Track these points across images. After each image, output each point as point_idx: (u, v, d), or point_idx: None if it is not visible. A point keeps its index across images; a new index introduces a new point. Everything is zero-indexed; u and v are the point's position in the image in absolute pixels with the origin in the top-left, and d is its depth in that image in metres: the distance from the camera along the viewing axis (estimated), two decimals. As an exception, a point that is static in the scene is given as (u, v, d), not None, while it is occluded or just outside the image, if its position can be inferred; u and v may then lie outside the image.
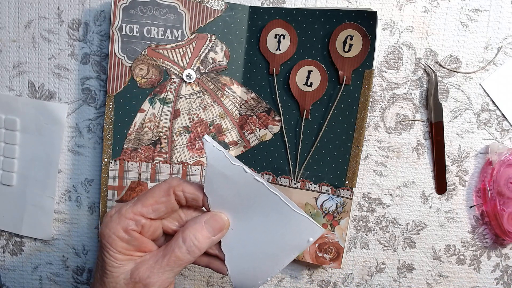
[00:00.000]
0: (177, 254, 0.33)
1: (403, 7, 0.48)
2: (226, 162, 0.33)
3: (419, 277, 0.52)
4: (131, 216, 0.33)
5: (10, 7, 0.49)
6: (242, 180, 0.33)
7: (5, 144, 0.50)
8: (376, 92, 0.49)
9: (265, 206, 0.34)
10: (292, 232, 0.34)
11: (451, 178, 0.50)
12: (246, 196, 0.34)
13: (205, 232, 0.34)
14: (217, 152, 0.33)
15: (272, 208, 0.34)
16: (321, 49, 0.46)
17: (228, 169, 0.33)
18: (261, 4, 0.49)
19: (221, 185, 0.34)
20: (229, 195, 0.34)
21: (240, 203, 0.34)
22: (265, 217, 0.34)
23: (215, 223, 0.34)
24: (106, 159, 0.48)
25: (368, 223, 0.51)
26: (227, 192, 0.34)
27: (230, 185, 0.34)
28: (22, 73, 0.50)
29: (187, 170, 0.49)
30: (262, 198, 0.33)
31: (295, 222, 0.34)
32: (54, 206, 0.51)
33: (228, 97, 0.49)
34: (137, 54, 0.47)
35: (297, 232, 0.34)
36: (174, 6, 0.46)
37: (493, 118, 0.49)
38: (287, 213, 0.33)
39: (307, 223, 0.34)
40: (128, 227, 0.32)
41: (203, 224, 0.34)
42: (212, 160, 0.33)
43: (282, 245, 0.35)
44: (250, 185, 0.33)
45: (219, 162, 0.33)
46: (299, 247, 0.35)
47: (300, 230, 0.34)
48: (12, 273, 0.53)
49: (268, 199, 0.33)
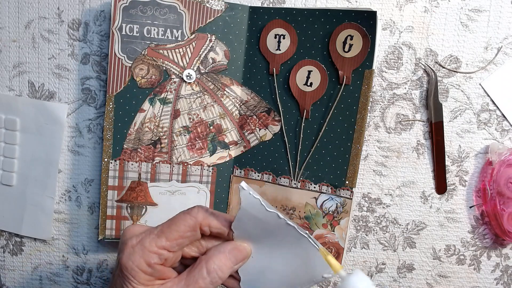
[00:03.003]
0: (201, 285, 0.32)
1: (403, 7, 0.48)
2: (261, 209, 0.32)
3: (419, 277, 0.52)
4: (155, 250, 0.32)
5: (10, 7, 0.49)
6: (273, 223, 0.33)
7: (5, 144, 0.50)
8: (376, 92, 0.49)
9: (288, 241, 0.34)
10: (311, 268, 0.34)
11: (451, 178, 0.50)
12: (271, 232, 0.34)
13: (229, 263, 0.33)
14: (253, 200, 0.32)
15: (296, 244, 0.33)
16: (321, 49, 0.46)
17: (261, 214, 0.33)
18: (261, 4, 0.49)
19: (250, 224, 0.33)
20: (256, 231, 0.34)
21: (263, 236, 0.34)
22: (287, 251, 0.34)
23: (238, 254, 0.34)
24: (106, 159, 0.48)
25: (368, 223, 0.51)
26: (254, 229, 0.34)
27: (259, 225, 0.33)
28: (22, 73, 0.50)
29: (187, 170, 0.49)
30: (288, 236, 0.33)
31: (316, 261, 0.34)
32: (54, 206, 0.51)
33: (228, 97, 0.49)
34: (137, 54, 0.47)
35: (315, 268, 0.34)
36: (174, 6, 0.46)
37: (493, 118, 0.49)
38: (309, 251, 0.33)
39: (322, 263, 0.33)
40: (151, 261, 0.32)
41: (227, 254, 0.33)
42: (247, 206, 0.32)
43: (299, 278, 0.35)
44: (280, 227, 0.33)
45: (254, 208, 0.32)
46: (314, 281, 0.35)
47: (317, 267, 0.34)
48: (12, 273, 0.53)
49: (294, 237, 0.33)
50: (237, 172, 0.50)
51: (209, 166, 0.49)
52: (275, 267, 0.35)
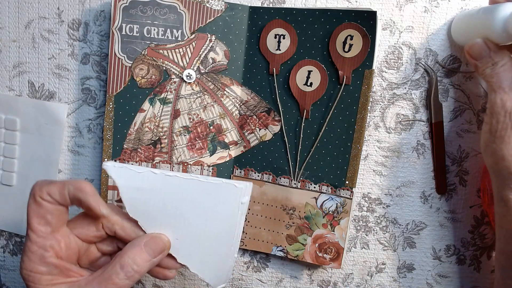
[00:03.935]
0: (115, 281, 0.31)
1: (403, 7, 0.48)
2: (133, 174, 0.32)
3: (419, 277, 0.52)
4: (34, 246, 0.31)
5: (10, 7, 0.49)
6: (157, 185, 0.33)
7: (5, 144, 0.50)
8: (376, 92, 0.49)
9: (191, 197, 0.33)
10: (224, 204, 0.34)
11: (451, 178, 0.50)
12: (170, 199, 0.33)
13: (145, 255, 0.32)
14: (120, 169, 0.32)
15: (198, 194, 0.33)
16: (321, 49, 0.46)
17: (139, 180, 0.32)
18: (261, 4, 0.49)
19: (142, 201, 0.33)
20: (155, 208, 0.33)
21: (169, 209, 0.33)
22: (198, 208, 0.34)
23: (155, 245, 0.33)
24: (106, 159, 0.48)
25: (368, 223, 0.51)
26: (152, 206, 0.33)
27: (150, 197, 0.33)
28: (22, 73, 0.50)
29: (187, 170, 0.49)
30: (185, 191, 0.33)
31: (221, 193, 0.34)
32: (54, 206, 0.51)
33: (228, 97, 0.49)
34: (137, 54, 0.47)
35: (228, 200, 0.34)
36: (174, 6, 0.46)
37: (493, 118, 0.49)
38: (210, 189, 0.33)
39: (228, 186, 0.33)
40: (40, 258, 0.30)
41: (143, 247, 0.32)
42: (120, 180, 0.32)
43: (225, 221, 0.35)
44: (168, 185, 0.33)
45: (127, 178, 0.32)
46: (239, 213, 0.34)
47: (228, 197, 0.34)
48: (12, 273, 0.53)
49: (189, 188, 0.33)
50: (237, 172, 0.50)
51: (209, 166, 0.49)
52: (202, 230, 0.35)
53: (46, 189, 0.31)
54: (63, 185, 0.31)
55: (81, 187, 0.31)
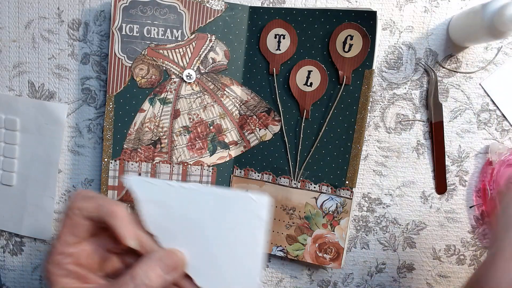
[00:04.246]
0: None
1: (403, 7, 0.48)
2: (151, 187, 0.32)
3: (419, 277, 0.52)
4: (56, 251, 0.31)
5: (10, 7, 0.49)
6: (174, 198, 0.32)
7: (5, 144, 0.50)
8: (376, 92, 0.49)
9: (208, 211, 0.32)
10: (243, 219, 0.32)
11: (451, 178, 0.50)
12: (186, 213, 0.32)
13: (158, 270, 0.31)
14: (139, 182, 0.32)
15: (215, 207, 0.32)
16: (321, 49, 0.46)
17: (156, 193, 0.32)
18: (261, 4, 0.49)
19: (159, 215, 0.32)
20: (172, 222, 0.32)
21: (186, 224, 0.33)
22: (215, 222, 0.32)
23: (169, 260, 0.32)
24: (106, 159, 0.48)
25: (368, 223, 0.51)
26: (169, 220, 0.32)
27: (167, 210, 0.32)
28: (22, 73, 0.50)
29: (187, 170, 0.49)
30: (201, 204, 0.32)
31: (238, 206, 0.32)
32: (54, 206, 0.51)
33: (228, 97, 0.49)
34: (137, 54, 0.47)
35: (246, 215, 0.32)
36: (174, 6, 0.46)
37: (493, 118, 0.49)
38: (227, 202, 0.32)
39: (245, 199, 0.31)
40: (59, 263, 0.31)
41: (157, 261, 0.31)
42: (139, 193, 0.32)
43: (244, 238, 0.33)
44: (184, 198, 0.32)
45: (146, 191, 0.32)
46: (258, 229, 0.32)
47: (246, 211, 0.32)
48: (12, 273, 0.53)
49: (205, 200, 0.32)
50: (237, 172, 0.50)
51: (209, 166, 0.49)
52: (220, 247, 0.33)
53: (81, 205, 0.31)
54: (98, 205, 0.31)
55: (114, 213, 0.31)
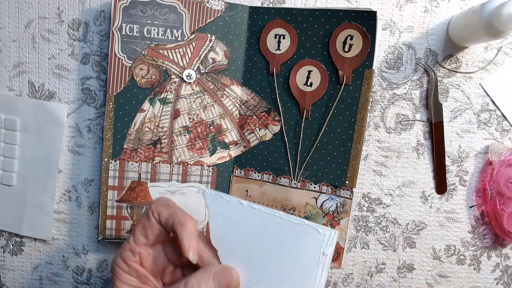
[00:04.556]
0: None
1: (403, 7, 0.48)
2: (223, 202, 0.32)
3: (419, 277, 0.52)
4: (128, 247, 0.34)
5: (10, 7, 0.49)
6: (242, 216, 0.32)
7: (5, 144, 0.50)
8: (376, 92, 0.49)
9: (270, 235, 0.32)
10: (305, 251, 0.31)
11: (451, 178, 0.50)
12: (250, 233, 0.33)
13: (211, 284, 0.32)
14: (214, 196, 0.33)
15: (277, 232, 0.32)
16: (321, 49, 0.46)
17: (226, 209, 0.32)
18: (261, 4, 0.49)
19: (225, 231, 0.33)
20: (235, 240, 0.33)
21: (247, 244, 0.33)
22: (275, 248, 0.32)
23: (223, 277, 0.32)
24: (106, 159, 0.48)
25: (368, 223, 0.51)
26: (233, 237, 0.33)
27: (233, 227, 0.33)
28: (22, 73, 0.50)
29: (187, 170, 0.49)
30: (265, 227, 0.32)
31: (301, 236, 0.31)
32: (54, 206, 0.51)
33: (228, 97, 0.49)
34: (137, 54, 0.47)
35: (308, 247, 0.31)
36: (174, 6, 0.46)
37: (493, 118, 0.49)
38: (291, 229, 0.31)
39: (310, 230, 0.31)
40: (126, 258, 0.33)
41: (211, 274, 0.32)
42: (213, 206, 0.33)
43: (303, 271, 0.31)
44: (251, 218, 0.32)
45: (218, 205, 0.33)
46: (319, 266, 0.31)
47: (309, 243, 0.31)
48: (12, 273, 0.53)
49: (270, 224, 0.32)
50: (237, 172, 0.50)
51: (209, 166, 0.49)
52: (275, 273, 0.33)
53: (159, 209, 0.33)
54: (173, 213, 0.33)
55: (184, 224, 0.32)
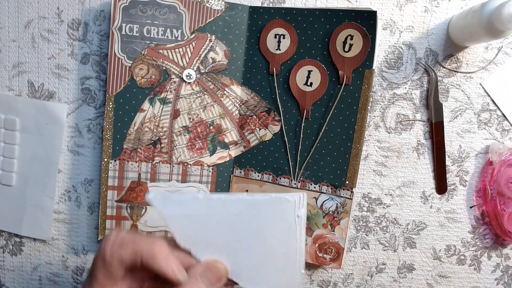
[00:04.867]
0: None
1: (404, 6, 0.48)
2: (177, 202, 0.31)
3: (420, 277, 0.51)
4: None
5: (9, 7, 0.49)
6: (204, 210, 0.31)
7: (5, 144, 0.50)
8: (376, 92, 0.49)
9: (242, 218, 0.32)
10: (280, 220, 0.32)
11: (451, 178, 0.50)
12: (219, 223, 0.32)
13: (202, 287, 0.30)
14: (164, 199, 0.31)
15: (248, 213, 0.32)
16: (321, 49, 0.46)
17: (184, 208, 0.31)
18: (261, 4, 0.49)
19: (191, 229, 0.32)
20: (206, 234, 0.32)
21: (221, 234, 0.32)
22: (251, 228, 0.32)
23: (210, 274, 0.31)
24: (106, 159, 0.48)
25: (368, 223, 0.51)
26: (202, 233, 0.32)
27: (198, 223, 0.32)
28: (22, 73, 0.50)
29: (187, 170, 0.49)
30: (233, 212, 0.32)
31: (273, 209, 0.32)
32: (53, 206, 0.51)
33: (228, 97, 0.49)
34: (137, 54, 0.47)
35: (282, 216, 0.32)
36: (174, 6, 0.46)
37: (493, 118, 0.49)
38: (260, 206, 0.31)
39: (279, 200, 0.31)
40: None
41: (199, 278, 0.31)
42: (166, 210, 0.31)
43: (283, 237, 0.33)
44: (214, 209, 0.32)
45: (172, 207, 0.31)
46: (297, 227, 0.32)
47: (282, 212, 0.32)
48: (12, 273, 0.53)
49: (237, 208, 0.32)
50: (237, 172, 0.50)
51: (209, 166, 0.49)
52: (261, 250, 0.33)
53: (119, 254, 0.30)
54: (136, 251, 0.30)
55: (155, 255, 0.30)
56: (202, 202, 0.32)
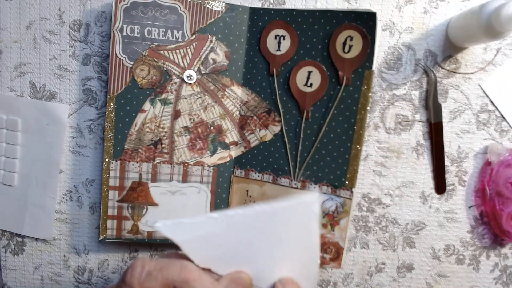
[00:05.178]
0: None
1: (403, 8, 0.48)
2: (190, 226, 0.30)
3: (419, 277, 0.52)
4: None
5: (11, 8, 0.49)
6: (220, 228, 0.30)
7: (7, 144, 0.50)
8: (376, 93, 0.49)
9: (260, 229, 0.31)
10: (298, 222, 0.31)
11: (450, 178, 0.50)
12: (238, 237, 0.31)
13: None
14: (175, 226, 0.30)
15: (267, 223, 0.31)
16: (321, 50, 0.47)
17: (199, 229, 0.30)
18: (262, 5, 0.49)
19: (209, 249, 0.31)
20: (225, 250, 0.31)
21: (240, 248, 0.31)
22: (270, 236, 0.32)
23: (236, 286, 0.30)
24: (107, 160, 0.48)
25: (368, 223, 0.51)
26: (221, 250, 0.31)
27: (216, 241, 0.31)
28: (24, 73, 0.50)
29: (187, 170, 0.49)
30: (252, 225, 0.31)
31: (290, 214, 0.31)
32: (55, 206, 0.51)
33: (228, 98, 0.49)
34: (138, 54, 0.47)
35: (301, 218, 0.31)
36: (174, 7, 0.47)
37: (492, 119, 0.50)
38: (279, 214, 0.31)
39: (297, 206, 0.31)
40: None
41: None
42: (178, 237, 0.30)
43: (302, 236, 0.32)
44: (231, 224, 0.31)
45: (185, 232, 0.30)
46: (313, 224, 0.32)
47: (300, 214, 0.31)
48: (14, 273, 0.53)
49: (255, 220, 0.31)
50: (238, 173, 0.50)
51: (210, 166, 0.50)
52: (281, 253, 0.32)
53: (148, 286, 0.28)
54: (166, 281, 0.28)
55: (188, 280, 0.28)
56: (219, 220, 0.30)
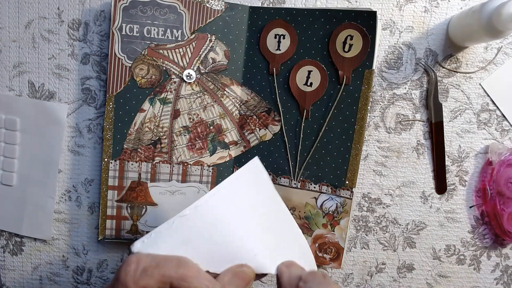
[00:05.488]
0: None
1: (403, 7, 0.48)
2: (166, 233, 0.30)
3: (419, 277, 0.52)
4: None
5: (10, 7, 0.49)
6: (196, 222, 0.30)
7: (5, 144, 0.50)
8: (376, 92, 0.49)
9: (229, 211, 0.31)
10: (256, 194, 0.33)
11: (451, 178, 0.50)
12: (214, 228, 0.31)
13: None
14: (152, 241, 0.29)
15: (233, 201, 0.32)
16: (321, 49, 0.46)
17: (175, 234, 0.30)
18: (261, 4, 0.49)
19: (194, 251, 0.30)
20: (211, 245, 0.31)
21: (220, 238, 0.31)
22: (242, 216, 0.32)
23: (238, 280, 0.30)
24: (106, 159, 0.48)
25: (368, 223, 0.51)
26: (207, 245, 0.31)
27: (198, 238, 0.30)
28: (22, 73, 0.50)
29: (187, 170, 0.49)
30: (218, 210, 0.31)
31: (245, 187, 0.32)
32: (54, 206, 0.51)
33: (228, 97, 0.49)
34: (137, 54, 0.47)
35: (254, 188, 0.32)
36: (174, 6, 0.46)
37: (493, 118, 0.49)
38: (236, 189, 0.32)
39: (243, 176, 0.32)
40: None
41: (227, 287, 0.29)
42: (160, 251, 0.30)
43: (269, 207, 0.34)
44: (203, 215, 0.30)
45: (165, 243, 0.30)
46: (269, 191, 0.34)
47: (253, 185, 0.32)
48: (12, 273, 0.53)
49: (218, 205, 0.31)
50: (237, 172, 0.50)
51: (209, 166, 0.49)
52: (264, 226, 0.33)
53: (146, 284, 0.28)
54: (162, 278, 0.28)
55: (185, 276, 0.28)
56: (190, 216, 0.30)
